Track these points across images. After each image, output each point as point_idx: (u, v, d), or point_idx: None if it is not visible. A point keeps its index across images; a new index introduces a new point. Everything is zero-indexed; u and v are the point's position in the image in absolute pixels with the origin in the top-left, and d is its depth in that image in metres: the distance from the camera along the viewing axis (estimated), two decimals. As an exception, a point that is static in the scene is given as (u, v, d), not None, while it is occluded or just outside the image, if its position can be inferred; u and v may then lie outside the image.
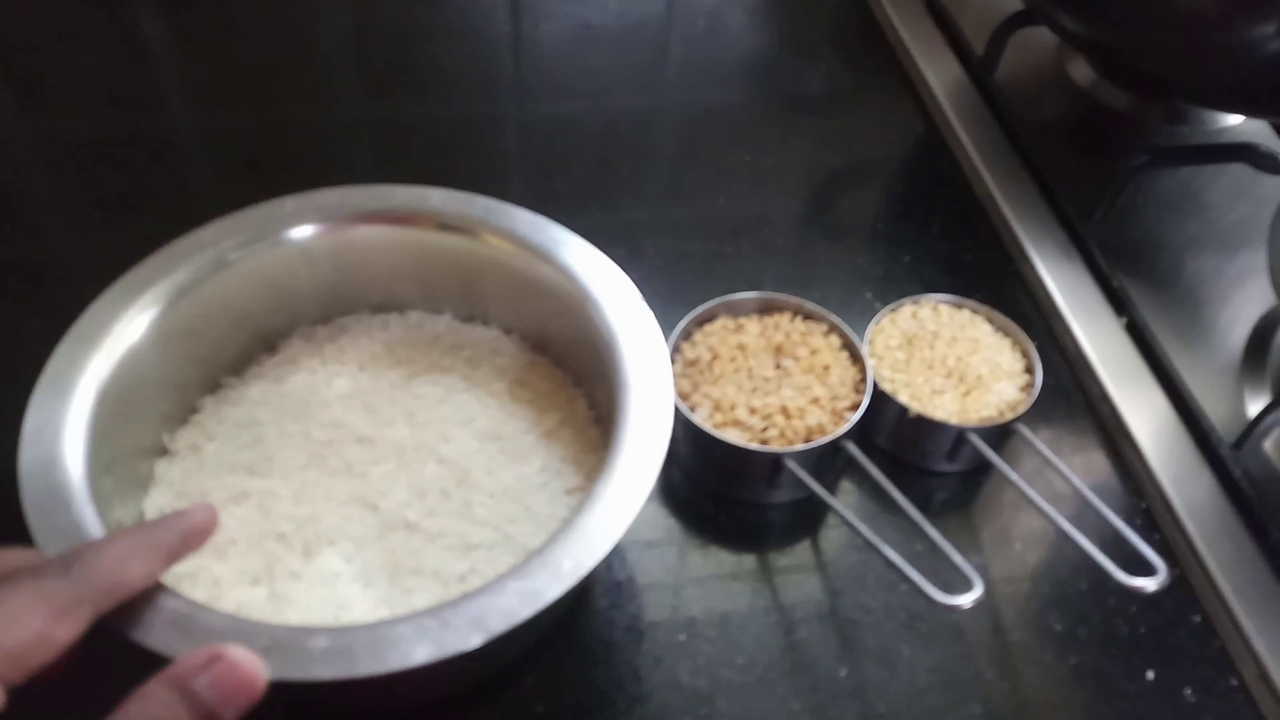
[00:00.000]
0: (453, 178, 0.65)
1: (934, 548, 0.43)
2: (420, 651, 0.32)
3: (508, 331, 0.48)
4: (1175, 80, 0.65)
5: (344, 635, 0.32)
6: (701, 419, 0.47)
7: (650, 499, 0.49)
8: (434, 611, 0.33)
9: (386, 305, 0.48)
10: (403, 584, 0.39)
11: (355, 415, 0.43)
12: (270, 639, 0.32)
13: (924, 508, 0.49)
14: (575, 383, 0.47)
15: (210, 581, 0.39)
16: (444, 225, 0.45)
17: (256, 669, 0.30)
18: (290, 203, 0.44)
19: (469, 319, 0.49)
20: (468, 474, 0.42)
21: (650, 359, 0.41)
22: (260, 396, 0.44)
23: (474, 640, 0.32)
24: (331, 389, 0.44)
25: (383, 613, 0.39)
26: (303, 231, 0.44)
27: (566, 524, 0.35)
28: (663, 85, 0.76)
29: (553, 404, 0.45)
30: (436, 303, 0.48)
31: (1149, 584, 0.39)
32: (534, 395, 0.45)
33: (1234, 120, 0.71)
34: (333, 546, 0.40)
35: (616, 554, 0.47)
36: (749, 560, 0.47)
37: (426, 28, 0.79)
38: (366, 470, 0.42)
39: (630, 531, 0.47)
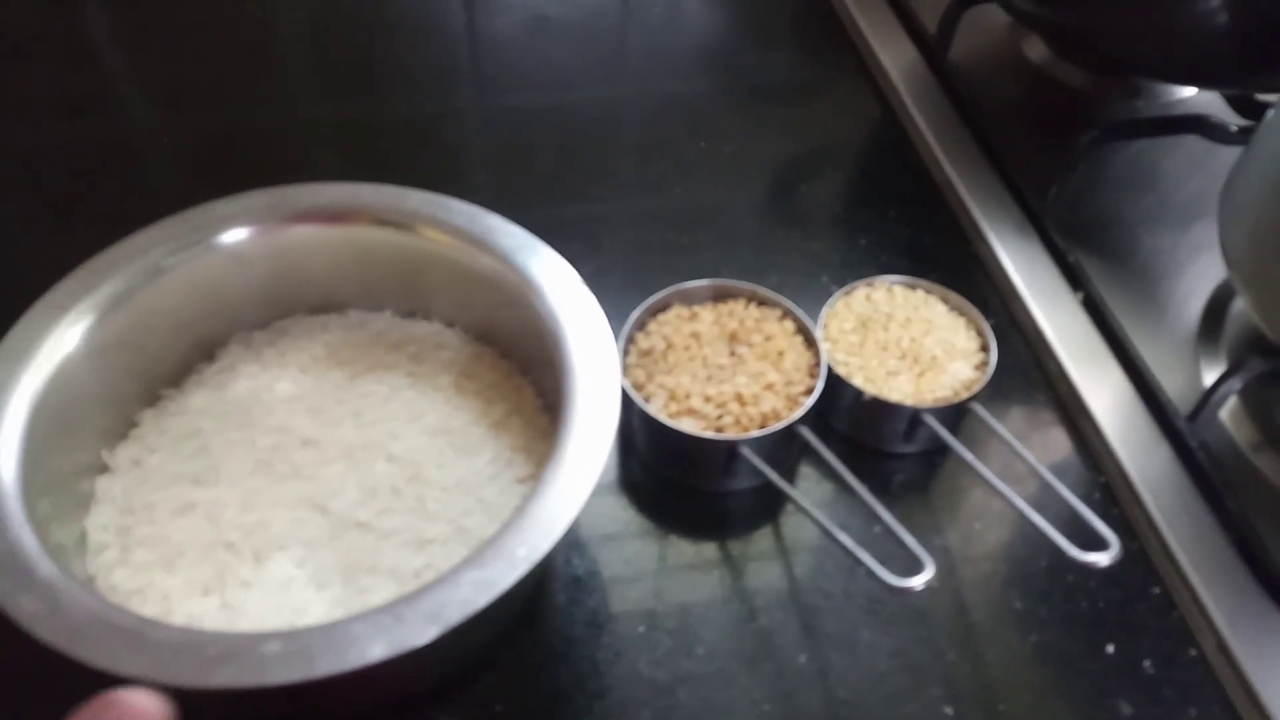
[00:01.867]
0: (412, 174, 0.65)
1: (891, 531, 0.42)
2: (377, 648, 0.32)
3: (450, 325, 0.48)
4: (1127, 56, 0.65)
5: (298, 638, 0.32)
6: (656, 409, 0.47)
7: (609, 492, 0.49)
8: (389, 608, 0.33)
9: (326, 305, 0.48)
10: (358, 584, 0.39)
11: (300, 418, 0.43)
12: (222, 648, 0.32)
13: (883, 490, 0.49)
14: (522, 371, 0.47)
15: (160, 596, 0.38)
16: (379, 221, 0.45)
17: (150, 705, 0.28)
18: (221, 206, 0.44)
19: (410, 314, 0.49)
20: (418, 470, 0.42)
21: (594, 342, 0.41)
22: (202, 406, 0.44)
23: (430, 632, 0.32)
24: (274, 394, 0.44)
25: (339, 614, 0.38)
26: (235, 235, 0.44)
27: (519, 512, 0.35)
28: (621, 76, 0.76)
29: (500, 394, 0.45)
30: (377, 300, 0.48)
31: (1102, 559, 0.39)
32: (481, 387, 0.45)
33: (1188, 93, 0.72)
34: (284, 552, 0.40)
35: (575, 548, 0.46)
36: (709, 549, 0.47)
37: (382, 24, 0.79)
38: (315, 473, 0.42)
39: (589, 525, 0.48)
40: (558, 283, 0.43)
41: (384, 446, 0.42)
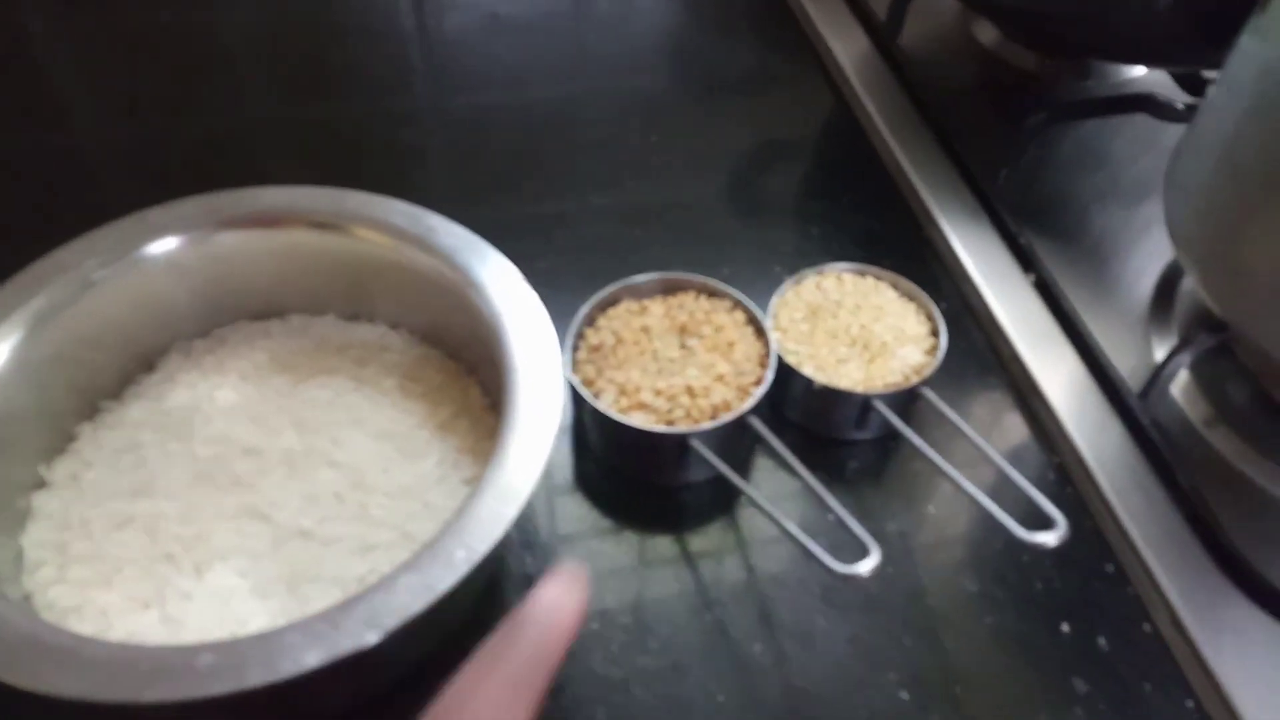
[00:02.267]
0: (366, 176, 0.64)
1: (840, 519, 0.42)
2: (312, 656, 0.31)
3: (394, 326, 0.48)
4: (1075, 36, 0.66)
5: (232, 649, 0.32)
6: (607, 404, 0.46)
7: (563, 490, 0.49)
8: (325, 615, 0.32)
9: (267, 312, 0.47)
10: (301, 593, 0.39)
11: (241, 427, 0.42)
12: (154, 662, 0.31)
13: (836, 478, 0.49)
14: (468, 372, 0.46)
15: (98, 612, 0.38)
16: (315, 224, 0.44)
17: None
18: (154, 215, 0.43)
19: (353, 318, 0.48)
20: (362, 476, 0.42)
21: (537, 339, 0.40)
22: (140, 418, 0.43)
23: (368, 639, 0.32)
24: (214, 403, 0.43)
25: (282, 624, 0.38)
26: (168, 244, 0.43)
27: (457, 514, 0.35)
28: (573, 73, 0.76)
29: (446, 396, 0.45)
30: (319, 304, 0.48)
31: (1049, 539, 0.39)
32: (426, 389, 0.45)
33: (1137, 72, 0.72)
34: (225, 562, 0.40)
35: (529, 547, 0.46)
36: (664, 544, 0.47)
37: (332, 26, 0.79)
38: (256, 482, 0.41)
39: (543, 523, 0.47)
40: (500, 281, 0.43)
41: (326, 453, 0.42)
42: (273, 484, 0.41)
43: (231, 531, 0.40)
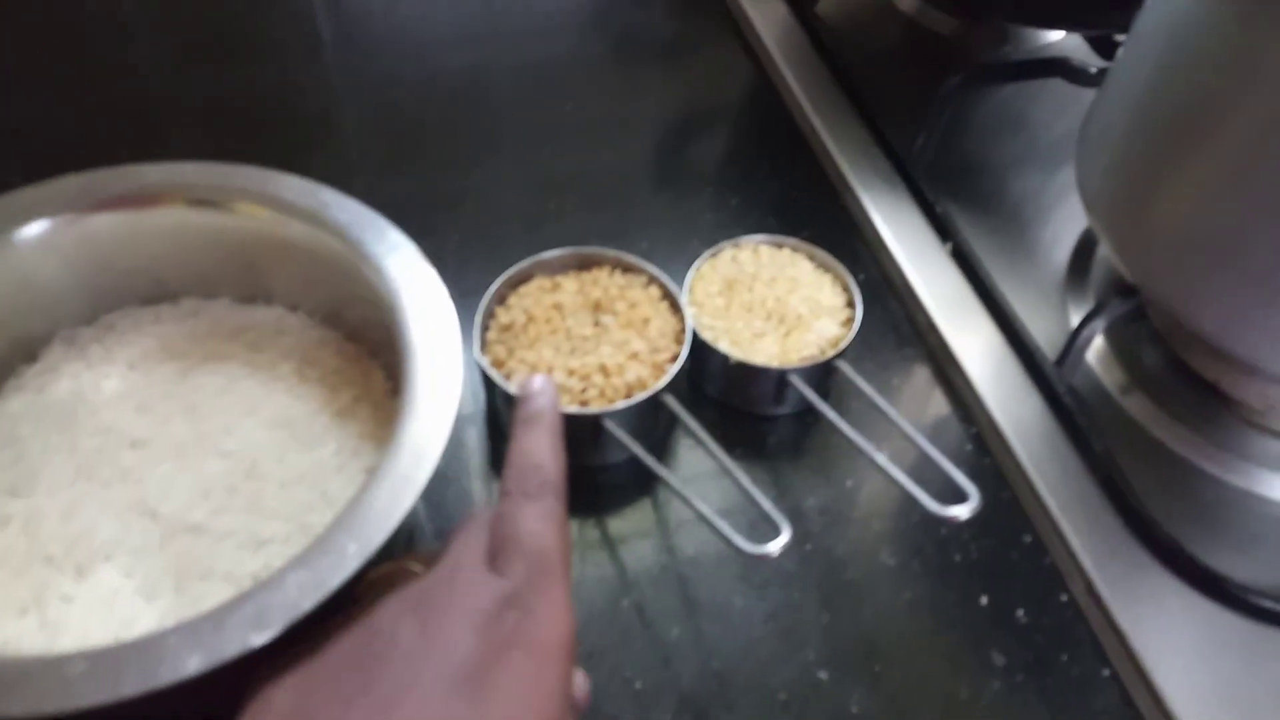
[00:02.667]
0: (270, 149, 0.62)
1: (760, 495, 0.41)
2: (193, 661, 0.29)
3: (293, 308, 0.46)
4: (991, 0, 0.65)
5: (106, 655, 0.30)
6: (517, 386, 0.45)
7: (477, 475, 0.48)
8: (209, 615, 0.31)
9: (158, 295, 0.45)
10: (191, 591, 0.37)
11: (127, 418, 0.40)
12: (19, 672, 0.29)
13: (757, 454, 0.49)
14: (370, 354, 0.45)
15: (-30, 621, 0.36)
16: (200, 201, 0.42)
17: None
18: (27, 194, 0.41)
19: (249, 300, 0.46)
20: (256, 465, 0.40)
21: (435, 319, 0.39)
22: (19, 411, 0.41)
23: (254, 641, 0.30)
24: (99, 393, 0.41)
25: (169, 625, 0.36)
26: (41, 226, 0.41)
27: (349, 505, 0.33)
28: (487, 39, 0.74)
29: (346, 380, 0.43)
30: (212, 286, 0.45)
31: (962, 511, 0.38)
32: (325, 373, 0.43)
33: (1054, 37, 0.72)
34: (109, 562, 0.38)
35: (441, 536, 0.45)
36: (583, 527, 0.46)
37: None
38: (143, 475, 0.39)
39: (457, 509, 0.46)
40: (397, 258, 0.41)
41: (218, 442, 0.40)
42: (160, 476, 0.39)
43: (116, 528, 0.38)
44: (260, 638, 0.30)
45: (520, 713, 0.28)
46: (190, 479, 0.39)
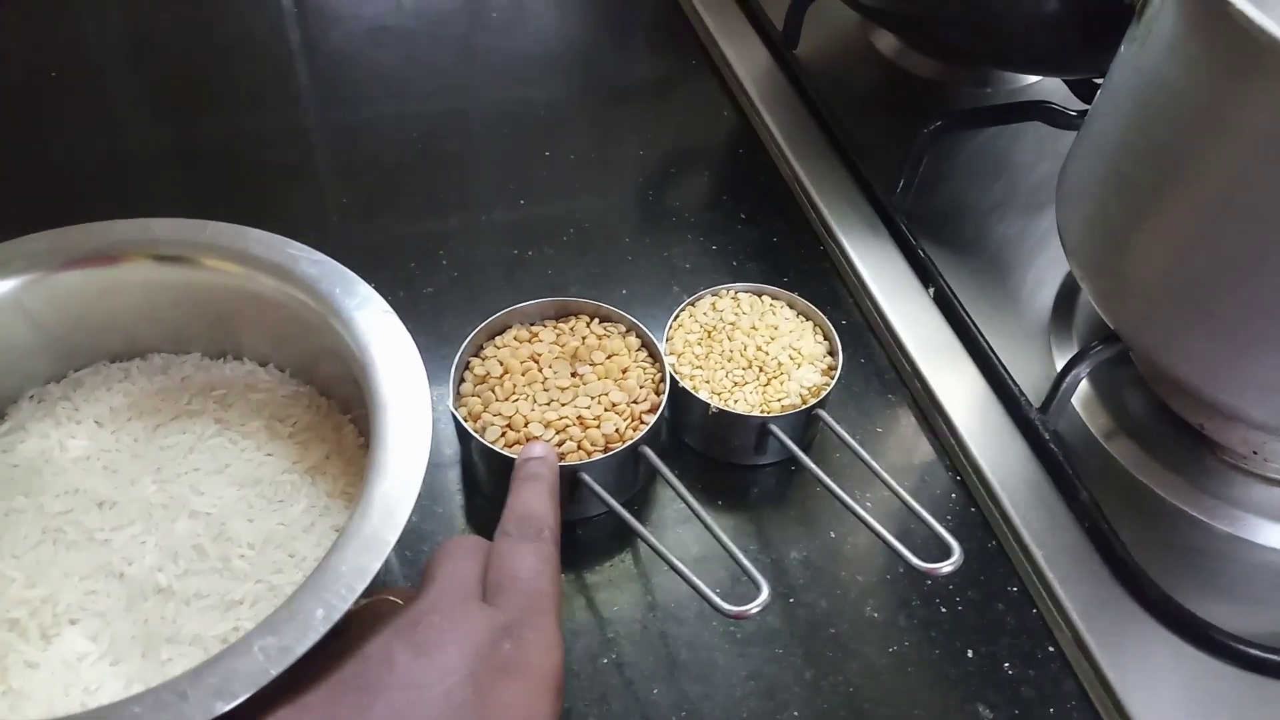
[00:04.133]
0: (246, 200, 0.63)
1: (742, 548, 0.42)
2: None
3: (263, 364, 0.46)
4: (968, 44, 0.66)
5: None
6: (493, 439, 0.45)
7: (454, 528, 0.48)
8: (172, 684, 0.31)
9: (128, 352, 0.45)
10: (158, 656, 0.37)
11: (94, 478, 0.41)
12: None
13: (738, 505, 0.49)
14: (342, 410, 0.45)
15: (-69, 689, 0.35)
16: (171, 257, 0.42)
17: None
18: None
19: (219, 356, 0.46)
20: (225, 525, 0.40)
21: (403, 375, 0.39)
22: (-16, 472, 0.41)
23: (217, 708, 0.30)
24: (66, 452, 0.41)
25: (136, 691, 0.36)
26: (9, 284, 0.41)
27: (317, 568, 0.33)
28: (464, 86, 0.75)
29: (317, 436, 0.43)
30: (182, 342, 0.46)
31: (944, 567, 0.39)
32: (296, 429, 0.44)
33: (1033, 80, 0.73)
34: (75, 626, 0.38)
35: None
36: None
37: (209, 41, 0.76)
38: (109, 537, 0.39)
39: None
40: (365, 311, 0.41)
41: (186, 502, 0.40)
42: (128, 538, 0.39)
43: (82, 592, 0.38)
44: (223, 705, 0.30)
45: None
46: (158, 540, 0.39)
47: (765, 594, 0.38)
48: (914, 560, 0.39)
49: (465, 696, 0.29)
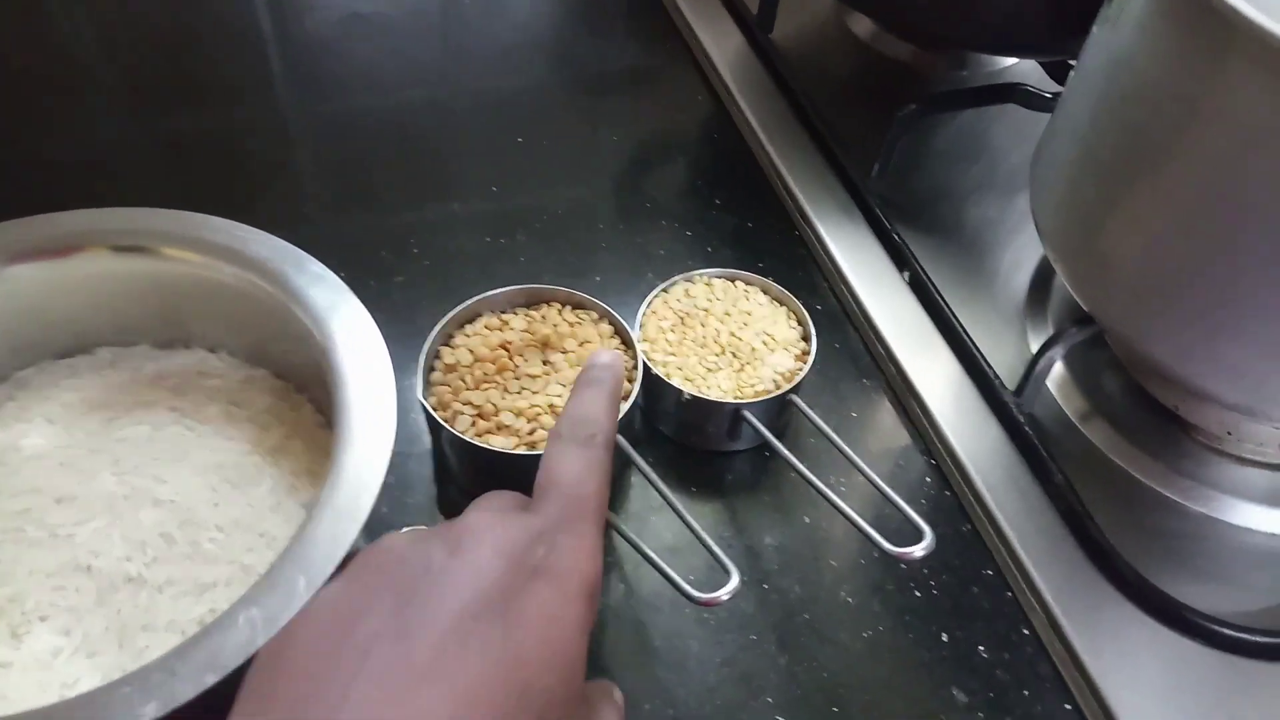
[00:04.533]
0: (219, 192, 0.62)
1: (716, 535, 0.41)
2: (149, 709, 0.30)
3: (214, 350, 0.46)
4: (942, 26, 0.66)
5: (55, 714, 0.30)
6: (463, 428, 0.45)
7: (426, 519, 0.47)
8: (160, 663, 0.31)
9: (73, 348, 0.45)
10: (135, 645, 0.37)
11: (51, 475, 0.40)
12: None
13: (713, 491, 0.49)
14: (299, 389, 0.45)
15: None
16: (115, 247, 0.42)
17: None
18: None
19: (168, 345, 0.46)
20: (191, 512, 0.40)
21: (362, 345, 0.40)
22: (-64, 477, 0.40)
23: (208, 680, 0.30)
24: (20, 452, 0.41)
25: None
26: None
27: (294, 540, 0.34)
28: (438, 75, 0.74)
29: (276, 417, 0.44)
30: (129, 335, 0.46)
31: (916, 551, 0.38)
32: (254, 412, 0.44)
33: (1010, 62, 0.73)
34: (46, 623, 0.37)
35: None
36: (531, 573, 0.45)
37: (181, 33, 0.75)
38: (73, 532, 0.39)
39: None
40: (320, 289, 0.41)
41: (150, 492, 0.40)
42: (92, 532, 0.39)
43: (50, 589, 0.38)
44: (213, 677, 0.30)
45: (541, 644, 0.29)
46: (124, 532, 0.39)
47: (735, 580, 0.38)
48: (885, 544, 0.39)
49: (497, 596, 0.29)
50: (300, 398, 0.44)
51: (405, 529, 0.34)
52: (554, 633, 0.29)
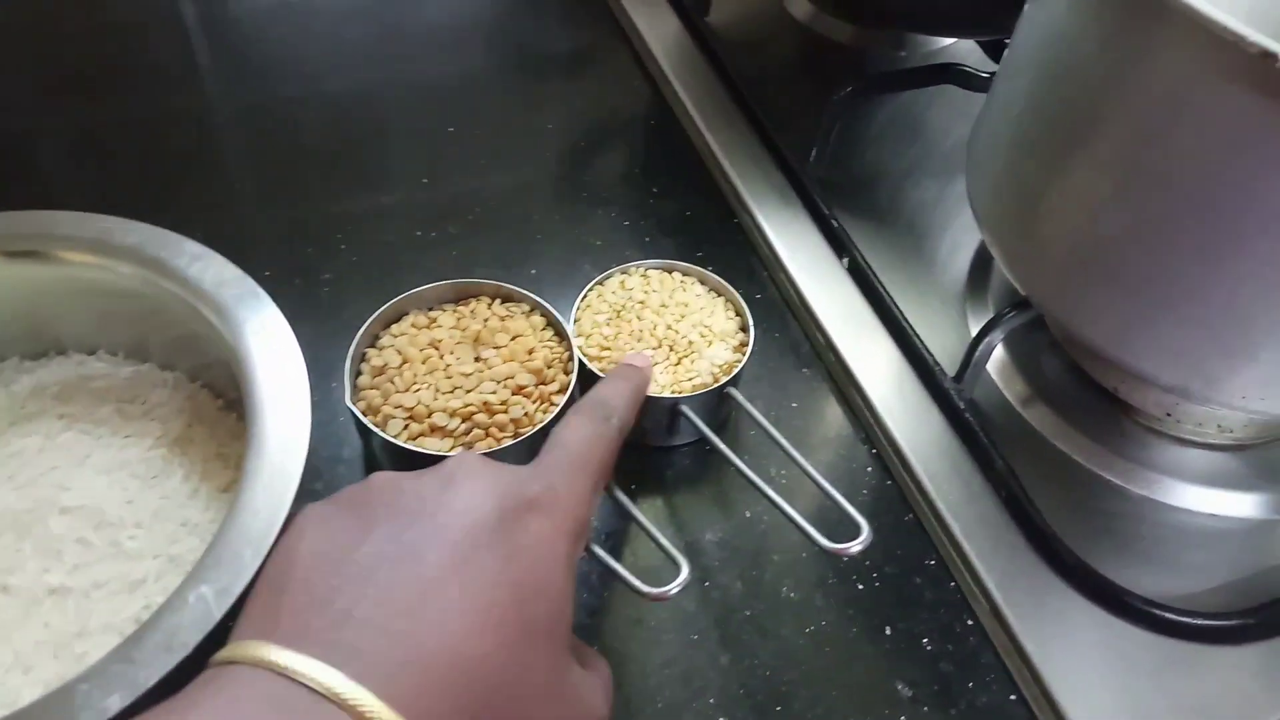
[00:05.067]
0: (138, 184, 0.61)
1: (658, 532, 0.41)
2: (114, 699, 0.30)
3: (91, 352, 0.45)
4: (880, 6, 0.66)
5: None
6: (395, 432, 0.44)
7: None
8: (117, 653, 0.31)
9: None
10: (71, 653, 0.37)
11: (-57, 501, 0.39)
12: None
13: (653, 487, 0.48)
14: (192, 377, 0.44)
15: None
16: None
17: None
18: None
19: (39, 355, 0.45)
20: (103, 513, 0.39)
21: (252, 310, 0.40)
22: None
23: (171, 661, 0.30)
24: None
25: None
26: None
27: (232, 512, 0.33)
28: (368, 60, 0.73)
29: (173, 409, 0.43)
30: None
31: (852, 547, 0.38)
32: (149, 406, 0.43)
33: (948, 42, 0.73)
34: None
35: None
36: (466, 577, 0.44)
37: (97, 18, 0.73)
38: (-19, 553, 0.37)
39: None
40: (200, 267, 0.41)
41: (54, 501, 0.39)
42: (1, 549, 0.38)
43: (-33, 612, 0.37)
44: (178, 656, 0.30)
45: (535, 573, 0.30)
46: (34, 545, 0.38)
47: (685, 573, 0.37)
48: (822, 541, 0.38)
49: (491, 524, 0.30)
50: (194, 385, 0.44)
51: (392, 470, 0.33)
52: (546, 563, 0.31)
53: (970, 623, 0.44)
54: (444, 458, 0.43)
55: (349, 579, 0.28)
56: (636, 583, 0.38)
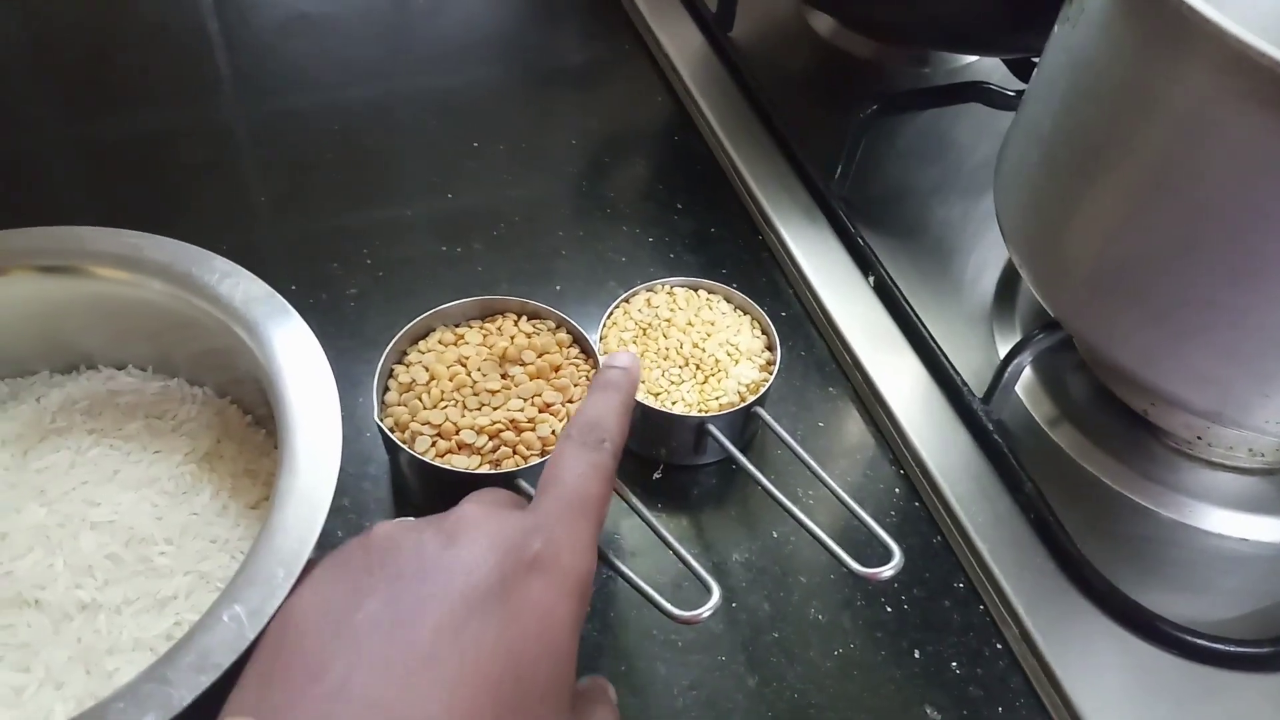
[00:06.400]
0: (159, 196, 0.61)
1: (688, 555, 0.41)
2: (149, 719, 0.30)
3: (120, 367, 0.46)
4: (904, 24, 0.66)
5: None
6: (423, 449, 0.44)
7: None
8: (149, 673, 0.31)
9: None
10: (103, 670, 0.37)
11: (-30, 516, 0.39)
12: None
13: (679, 506, 0.48)
14: (220, 393, 0.45)
15: None
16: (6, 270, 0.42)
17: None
18: None
19: (69, 370, 0.46)
20: (133, 529, 0.39)
21: (284, 328, 0.40)
22: None
23: (204, 682, 0.30)
24: (-69, 498, 0.40)
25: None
26: None
27: (264, 532, 0.34)
28: (389, 72, 0.73)
29: (202, 424, 0.43)
30: (23, 363, 0.45)
31: (884, 571, 0.38)
32: (177, 422, 0.43)
33: (972, 59, 0.73)
34: (1, 662, 0.37)
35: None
36: (491, 596, 0.45)
37: (120, 31, 0.74)
38: (10, 569, 0.38)
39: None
40: (230, 284, 0.42)
41: (84, 517, 0.39)
42: (31, 565, 0.38)
43: (-1, 628, 0.37)
44: (210, 678, 0.30)
45: (535, 637, 0.30)
46: (66, 560, 0.39)
47: (716, 597, 0.37)
48: (854, 565, 0.39)
49: (490, 588, 0.30)
50: (223, 401, 0.44)
51: (396, 519, 0.34)
52: (548, 626, 0.30)
53: (999, 646, 0.44)
54: (471, 476, 0.43)
55: (344, 645, 0.28)
56: (668, 605, 0.38)
